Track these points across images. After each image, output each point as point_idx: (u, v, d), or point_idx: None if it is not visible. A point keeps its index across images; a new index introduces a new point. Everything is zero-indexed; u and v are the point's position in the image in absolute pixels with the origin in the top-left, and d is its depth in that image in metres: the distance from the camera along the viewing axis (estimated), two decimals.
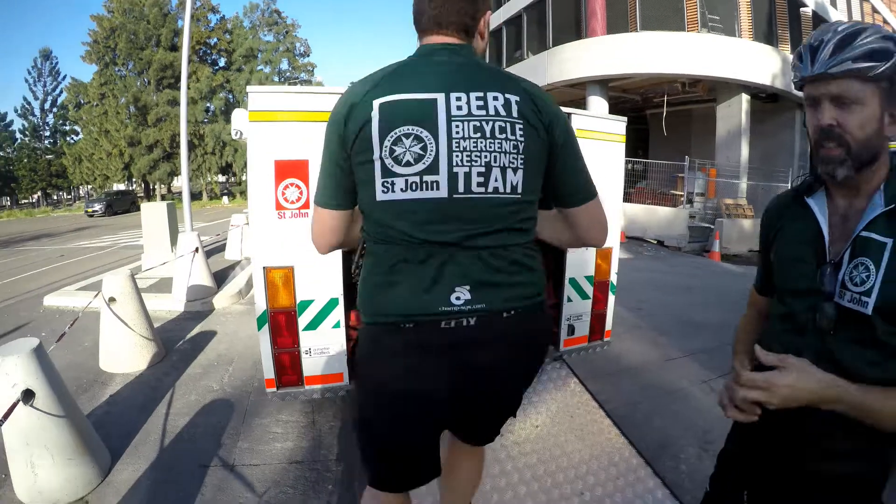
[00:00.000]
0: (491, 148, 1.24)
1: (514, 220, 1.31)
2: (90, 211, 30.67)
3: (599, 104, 17.71)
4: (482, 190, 1.25)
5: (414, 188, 1.24)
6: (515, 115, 1.26)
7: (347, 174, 1.32)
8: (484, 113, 1.25)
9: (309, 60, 45.86)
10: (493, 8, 21.57)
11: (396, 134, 1.22)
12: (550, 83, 18.29)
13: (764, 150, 17.65)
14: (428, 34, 1.37)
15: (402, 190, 1.24)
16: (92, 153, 39.98)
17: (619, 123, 3.42)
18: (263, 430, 3.48)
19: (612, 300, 3.59)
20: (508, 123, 1.25)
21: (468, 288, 1.29)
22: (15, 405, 2.49)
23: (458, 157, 1.23)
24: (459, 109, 1.24)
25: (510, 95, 1.27)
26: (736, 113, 16.58)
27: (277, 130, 2.52)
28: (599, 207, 1.47)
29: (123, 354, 4.51)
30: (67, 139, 47.28)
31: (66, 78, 46.76)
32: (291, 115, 2.53)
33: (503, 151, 1.25)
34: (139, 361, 4.55)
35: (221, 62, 43.51)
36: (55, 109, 47.99)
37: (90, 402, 3.93)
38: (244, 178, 40.33)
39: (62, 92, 46.44)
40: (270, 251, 2.61)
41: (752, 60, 15.92)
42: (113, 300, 4.45)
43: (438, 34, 1.35)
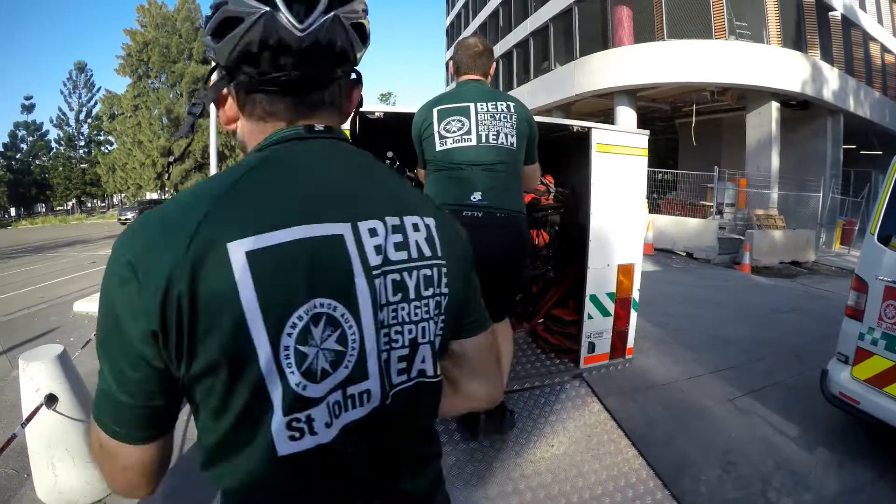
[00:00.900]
0: (498, 125, 2.29)
1: (509, 159, 2.33)
2: (123, 219, 31.63)
3: (628, 114, 17.58)
4: (494, 142, 2.28)
5: (457, 141, 2.27)
6: (512, 111, 2.33)
7: None
8: (495, 110, 2.31)
9: None
10: (519, 20, 21.92)
11: (447, 119, 2.29)
12: (578, 94, 18.23)
13: (795, 158, 17.26)
14: (463, 75, 2.45)
15: (451, 143, 2.28)
16: (125, 163, 41.09)
17: (641, 137, 3.35)
18: None
19: (634, 317, 3.50)
20: (508, 115, 2.32)
21: (481, 192, 2.25)
22: (38, 409, 2.55)
23: (481, 127, 2.28)
24: (482, 108, 2.30)
25: (509, 103, 2.35)
26: (766, 121, 16.26)
27: None
28: (538, 168, 2.62)
29: None
30: (101, 149, 48.87)
31: (100, 90, 48.46)
32: None
33: (504, 126, 2.30)
34: None
35: None
36: (90, 120, 49.75)
37: None
38: None
39: (96, 103, 48.28)
40: None
41: (781, 67, 15.66)
42: None
43: (469, 75, 2.43)
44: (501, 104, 2.30)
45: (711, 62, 15.59)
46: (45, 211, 52.78)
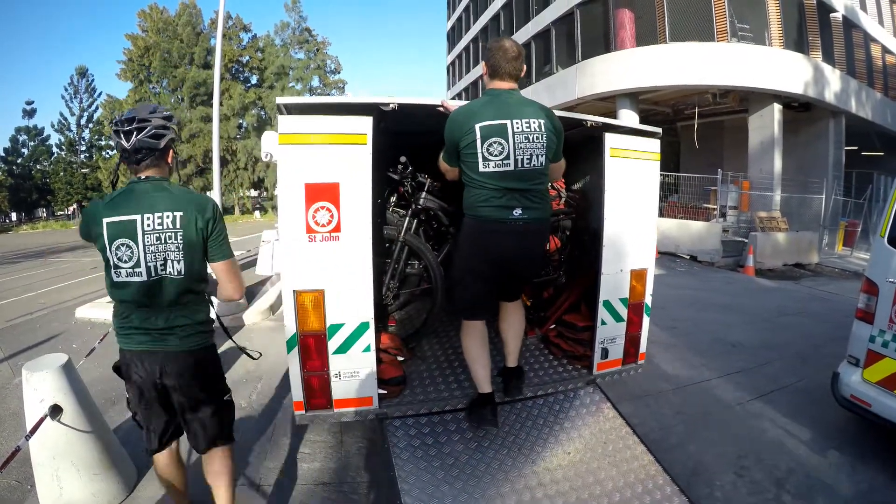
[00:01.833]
0: (531, 147, 2.55)
1: (542, 179, 2.67)
2: None
3: (630, 117, 17.57)
4: (528, 165, 2.56)
5: (498, 165, 2.54)
6: (543, 130, 2.58)
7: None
8: (528, 130, 2.55)
9: (340, 77, 46.36)
10: (521, 23, 21.94)
11: (489, 141, 2.52)
12: (580, 97, 18.22)
13: (797, 160, 17.26)
14: (497, 80, 2.65)
15: (493, 166, 2.54)
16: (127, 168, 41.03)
17: (653, 141, 3.34)
18: (290, 449, 3.45)
19: (646, 322, 3.48)
20: (539, 135, 2.57)
21: (521, 209, 2.60)
22: (42, 420, 2.52)
23: (518, 151, 2.53)
24: (517, 128, 2.53)
25: (540, 120, 2.58)
26: (768, 123, 16.26)
27: (308, 153, 2.50)
28: (563, 164, 2.98)
29: None
30: (103, 154, 48.74)
31: (101, 94, 48.37)
32: (322, 137, 2.51)
33: (536, 148, 2.56)
34: None
35: (253, 80, 44.31)
36: (91, 125, 49.59)
37: (118, 415, 3.95)
38: (275, 192, 41.01)
39: (98, 108, 48.11)
40: (301, 274, 2.58)
41: (783, 69, 15.66)
42: None
43: (504, 81, 2.64)
44: (534, 122, 2.55)
45: (713, 64, 15.58)
46: (45, 216, 52.67)
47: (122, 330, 2.18)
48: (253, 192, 46.52)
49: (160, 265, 2.07)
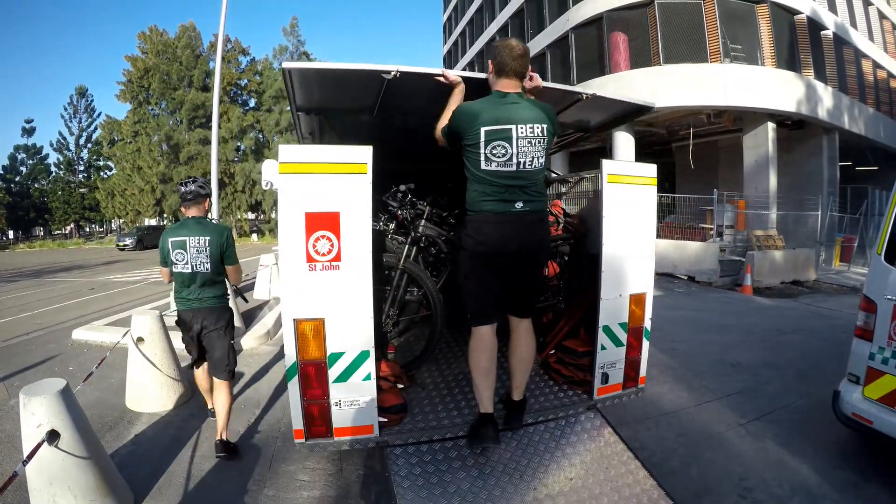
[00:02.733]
0: (533, 150, 2.68)
1: (539, 175, 2.81)
2: (121, 245, 31.54)
3: (625, 139, 17.72)
4: (529, 167, 2.70)
5: (501, 165, 2.67)
6: (545, 134, 2.70)
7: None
8: (532, 134, 2.66)
9: None
10: None
11: (493, 143, 2.64)
12: None
13: (792, 178, 17.41)
14: (504, 78, 2.74)
15: (495, 165, 2.67)
16: (125, 188, 41.22)
17: (650, 166, 3.39)
18: (290, 477, 3.41)
19: (646, 346, 3.49)
20: (541, 139, 2.69)
21: (521, 202, 2.73)
22: (39, 445, 2.49)
23: (521, 154, 2.66)
24: (521, 133, 2.64)
25: (544, 125, 2.70)
26: (763, 142, 16.42)
27: (308, 182, 2.53)
28: None
29: (150, 394, 4.54)
30: (101, 174, 49.03)
31: (100, 115, 48.92)
32: (322, 167, 2.54)
33: (537, 151, 2.69)
34: (166, 401, 4.56)
35: (252, 103, 44.41)
36: (90, 145, 49.93)
37: (115, 440, 3.94)
38: (273, 215, 40.87)
39: (97, 128, 48.55)
40: (301, 303, 2.59)
41: (776, 88, 15.88)
42: (141, 340, 4.50)
43: (510, 79, 2.73)
44: (538, 127, 2.67)
45: (707, 85, 15.80)
46: (43, 234, 52.72)
47: (178, 298, 3.75)
48: (250, 214, 46.55)
49: (197, 265, 3.60)
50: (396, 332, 3.99)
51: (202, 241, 3.58)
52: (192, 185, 3.72)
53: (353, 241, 2.60)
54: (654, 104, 3.67)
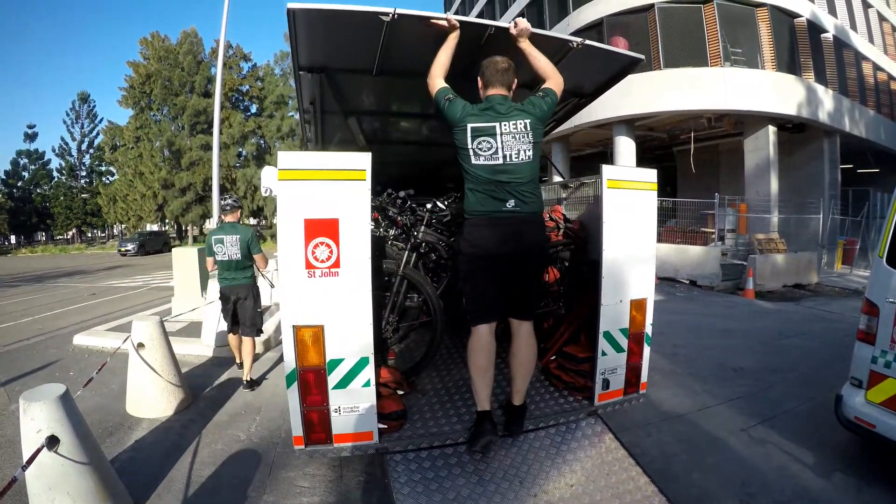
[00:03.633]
0: (518, 144, 2.79)
1: (529, 170, 2.84)
2: (123, 250, 31.53)
3: (627, 144, 17.71)
4: (516, 159, 2.79)
5: (488, 159, 2.79)
6: (529, 128, 2.81)
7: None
8: (515, 130, 2.79)
9: None
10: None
11: (479, 139, 2.79)
12: (576, 125, 18.36)
13: (793, 181, 17.38)
14: (489, 88, 2.89)
15: (483, 160, 2.79)
16: (126, 194, 41.30)
17: (650, 171, 3.39)
18: (290, 483, 3.41)
19: (647, 352, 3.47)
20: (525, 133, 2.80)
21: (514, 201, 2.80)
22: (39, 451, 2.49)
23: (505, 147, 2.78)
24: (505, 129, 2.78)
25: (526, 120, 2.81)
26: (763, 145, 16.41)
27: (307, 189, 2.54)
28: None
29: (150, 399, 4.53)
30: (103, 179, 49.12)
31: (102, 121, 49.25)
32: (321, 173, 2.54)
33: (522, 144, 2.79)
34: (166, 407, 4.55)
35: (253, 108, 44.58)
36: (92, 150, 50.10)
37: (115, 446, 3.93)
38: (274, 221, 40.95)
39: (99, 134, 48.74)
40: (300, 309, 2.59)
41: (776, 91, 15.88)
42: (142, 346, 4.49)
43: (496, 89, 2.88)
44: (520, 123, 2.81)
45: (708, 89, 15.80)
46: (45, 239, 52.77)
47: (220, 278, 5.27)
48: (252, 220, 46.63)
49: (231, 254, 5.09)
50: (396, 338, 3.98)
51: (234, 238, 5.08)
52: (229, 199, 5.38)
53: (352, 247, 2.60)
54: (642, 57, 3.81)
